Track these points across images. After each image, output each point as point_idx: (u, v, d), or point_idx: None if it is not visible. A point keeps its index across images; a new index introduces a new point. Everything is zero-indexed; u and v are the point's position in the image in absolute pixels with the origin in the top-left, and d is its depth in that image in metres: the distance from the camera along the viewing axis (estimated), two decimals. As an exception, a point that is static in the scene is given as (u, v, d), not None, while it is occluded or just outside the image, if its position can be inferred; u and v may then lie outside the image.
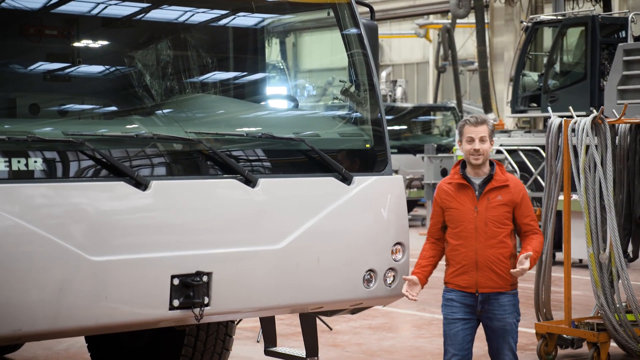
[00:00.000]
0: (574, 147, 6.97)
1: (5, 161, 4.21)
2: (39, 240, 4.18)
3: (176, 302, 4.52)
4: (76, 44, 5.22)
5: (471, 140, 4.97)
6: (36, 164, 4.30)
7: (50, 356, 7.59)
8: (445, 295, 5.11)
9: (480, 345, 5.53)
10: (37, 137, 4.33)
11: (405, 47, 34.91)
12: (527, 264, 4.88)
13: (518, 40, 18.07)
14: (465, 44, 29.80)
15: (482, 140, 4.97)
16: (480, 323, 5.11)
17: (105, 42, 5.41)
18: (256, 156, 5.05)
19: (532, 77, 16.39)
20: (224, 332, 5.89)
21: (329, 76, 6.14)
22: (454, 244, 5.03)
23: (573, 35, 15.64)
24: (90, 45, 5.32)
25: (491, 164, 5.06)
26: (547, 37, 16.41)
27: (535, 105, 16.06)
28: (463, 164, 5.09)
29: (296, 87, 6.42)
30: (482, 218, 4.97)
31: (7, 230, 4.12)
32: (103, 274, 4.33)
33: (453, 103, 23.90)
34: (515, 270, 4.91)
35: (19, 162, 4.24)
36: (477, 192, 5.01)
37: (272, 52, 6.21)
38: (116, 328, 4.53)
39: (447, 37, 25.32)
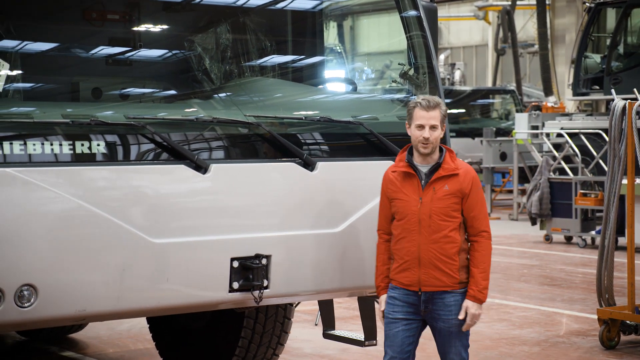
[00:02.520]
0: (639, 130, 6.83)
1: (69, 144, 4.28)
2: (102, 222, 4.25)
3: (236, 285, 4.56)
4: (137, 28, 5.27)
5: (421, 127, 4.50)
6: (99, 147, 4.36)
7: (113, 336, 7.72)
8: (388, 292, 4.64)
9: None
10: (100, 120, 4.38)
11: (464, 30, 34.53)
12: (471, 311, 4.49)
13: (580, 22, 17.74)
14: (526, 26, 29.36)
15: (432, 128, 4.49)
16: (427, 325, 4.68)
17: (165, 26, 5.45)
18: (314, 139, 5.06)
19: (594, 59, 16.09)
20: (282, 314, 5.93)
21: (386, 59, 6.10)
22: (397, 237, 4.58)
23: (638, 16, 15.29)
24: (151, 30, 5.37)
25: (441, 149, 4.60)
26: (611, 18, 16.08)
27: (597, 87, 15.78)
28: (410, 149, 4.62)
29: (354, 71, 6.40)
30: (426, 210, 4.50)
31: (71, 212, 4.20)
32: (164, 256, 4.38)
33: (512, 86, 23.59)
34: (466, 325, 4.53)
35: (82, 145, 4.31)
36: (422, 182, 4.55)
37: (330, 35, 6.20)
38: (177, 310, 4.58)
39: (506, 19, 24.98)
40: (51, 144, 4.23)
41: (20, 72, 4.59)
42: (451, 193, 4.51)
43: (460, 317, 4.52)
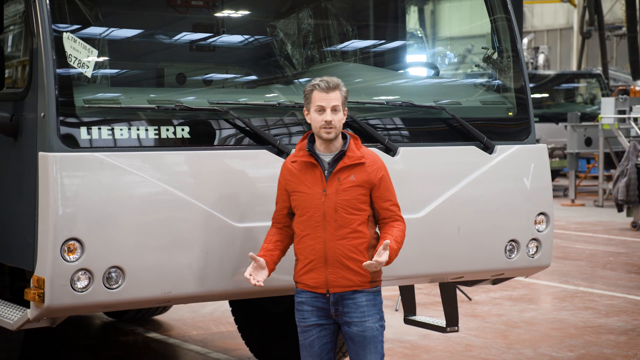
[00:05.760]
0: None
1: (154, 129, 4.35)
2: (186, 206, 4.31)
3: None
4: (220, 14, 5.33)
5: (321, 109, 4.12)
6: (183, 132, 4.42)
7: (196, 319, 7.86)
8: (295, 297, 4.25)
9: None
10: (184, 105, 4.44)
11: (548, 13, 33.85)
12: (385, 256, 4.04)
13: (670, 3, 17.17)
14: (613, 7, 28.60)
15: (334, 109, 4.12)
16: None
17: (248, 12, 5.49)
18: (396, 124, 5.03)
19: (685, 41, 15.58)
20: (363, 299, 5.93)
21: (468, 44, 6.02)
22: (300, 235, 4.17)
23: None
24: (233, 16, 5.42)
25: (344, 137, 4.22)
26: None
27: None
28: (311, 137, 4.22)
29: (435, 55, 6.34)
30: (331, 203, 4.11)
31: (156, 196, 4.27)
32: (247, 240, 4.42)
33: (598, 70, 23.04)
34: (368, 262, 4.06)
35: (167, 130, 4.38)
36: (326, 172, 4.15)
37: (411, 20, 6.15)
38: (258, 293, 4.62)
39: (593, 1, 24.37)
40: (137, 129, 4.32)
41: (107, 58, 4.68)
42: (358, 184, 4.14)
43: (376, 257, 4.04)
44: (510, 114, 5.27)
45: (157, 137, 4.34)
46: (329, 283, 4.14)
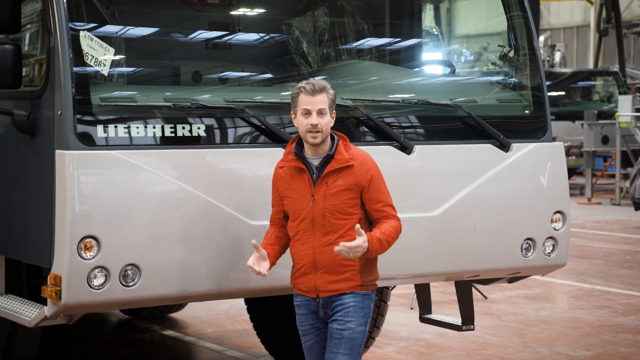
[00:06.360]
0: None
1: (170, 127, 4.36)
2: (202, 204, 4.32)
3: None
4: (236, 13, 5.33)
5: (307, 113, 4.01)
6: (199, 130, 4.43)
7: (212, 316, 7.88)
8: (295, 300, 4.22)
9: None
10: (201, 104, 4.45)
11: (565, 10, 33.70)
12: (356, 242, 3.91)
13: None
14: (630, 5, 28.44)
15: (320, 113, 4.00)
16: None
17: (263, 10, 5.49)
18: (412, 122, 5.02)
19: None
20: (378, 297, 5.93)
21: (484, 41, 6.01)
22: (293, 239, 4.13)
23: None
24: (249, 14, 5.43)
25: (333, 138, 4.09)
26: None
27: None
28: (300, 140, 4.11)
29: (451, 53, 6.32)
30: (318, 209, 4.01)
31: (172, 194, 4.28)
32: (261, 237, 4.42)
33: (615, 68, 22.91)
34: (338, 248, 3.94)
35: (183, 128, 4.39)
36: (314, 177, 4.05)
37: (426, 18, 6.14)
38: (274, 291, 4.63)
39: (610, -1, 24.24)
40: (153, 127, 4.33)
41: (123, 56, 4.70)
42: (346, 188, 4.02)
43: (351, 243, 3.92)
44: (527, 112, 5.25)
45: (173, 135, 4.35)
46: (317, 288, 4.08)
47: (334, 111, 4.09)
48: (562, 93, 21.55)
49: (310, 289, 4.10)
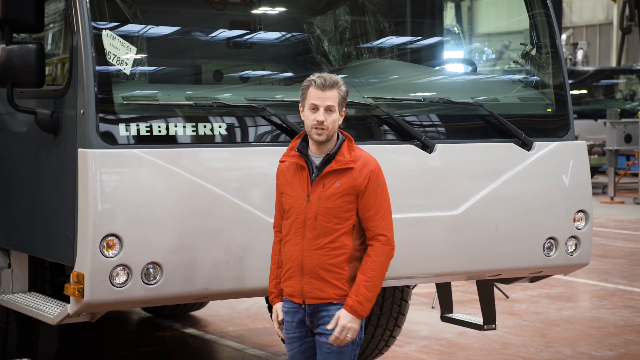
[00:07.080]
0: None
1: (192, 126, 4.38)
2: (224, 203, 4.33)
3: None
4: (257, 12, 5.34)
5: (315, 108, 3.79)
6: (220, 128, 4.44)
7: (232, 315, 7.90)
8: (283, 305, 3.98)
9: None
10: (222, 102, 4.46)
11: (587, 8, 33.47)
12: (337, 326, 3.74)
13: None
14: (653, 2, 28.17)
15: (328, 110, 3.79)
16: None
17: (284, 9, 5.50)
18: (433, 121, 5.01)
19: None
20: (399, 296, 5.92)
21: (505, 40, 5.98)
22: (284, 239, 3.91)
23: None
24: (270, 13, 5.43)
25: (339, 137, 3.89)
26: None
27: None
28: (306, 136, 3.91)
29: (472, 51, 6.30)
30: (312, 209, 3.80)
31: (194, 192, 4.29)
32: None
33: (639, 66, 22.73)
34: (332, 339, 3.77)
35: (204, 127, 4.40)
36: (313, 175, 3.84)
37: (448, 16, 6.12)
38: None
39: (633, -4, 24.05)
40: (175, 126, 4.34)
41: (145, 55, 4.72)
42: (343, 191, 3.79)
43: (329, 327, 3.76)
44: (549, 110, 5.22)
45: (194, 133, 4.37)
46: (304, 293, 3.84)
47: (344, 109, 3.89)
48: (585, 91, 21.41)
49: (296, 293, 3.86)
